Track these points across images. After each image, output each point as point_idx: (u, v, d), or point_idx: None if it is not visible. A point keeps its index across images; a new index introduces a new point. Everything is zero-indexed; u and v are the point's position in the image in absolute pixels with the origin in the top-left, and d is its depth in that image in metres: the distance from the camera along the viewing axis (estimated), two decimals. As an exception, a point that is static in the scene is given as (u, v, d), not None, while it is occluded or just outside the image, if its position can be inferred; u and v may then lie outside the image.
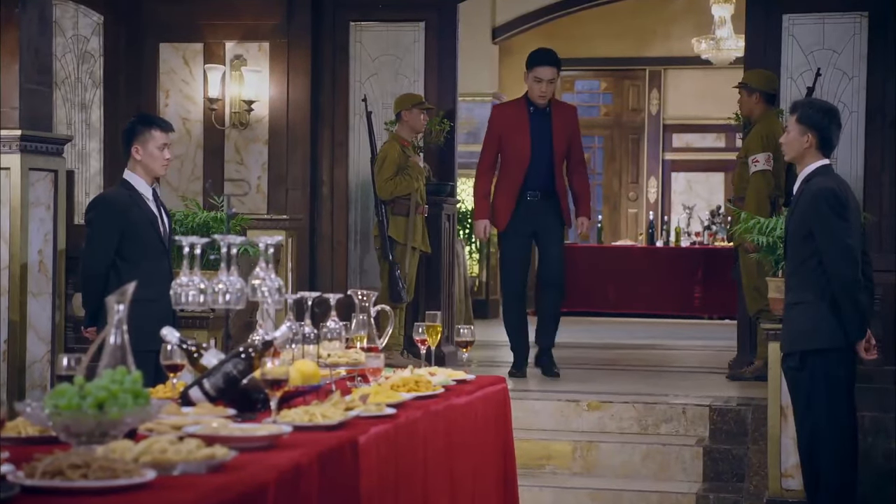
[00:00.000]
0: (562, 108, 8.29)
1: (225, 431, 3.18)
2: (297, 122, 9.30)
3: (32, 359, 7.08)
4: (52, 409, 2.80)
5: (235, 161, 9.41)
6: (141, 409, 2.88)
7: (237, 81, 9.31)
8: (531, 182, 8.05)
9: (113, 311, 3.12)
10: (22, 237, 6.99)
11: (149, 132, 5.87)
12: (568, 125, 8.13)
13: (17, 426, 3.13)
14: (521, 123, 8.01)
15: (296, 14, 9.40)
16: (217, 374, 3.71)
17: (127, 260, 5.81)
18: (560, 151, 8.07)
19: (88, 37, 9.49)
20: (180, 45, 9.46)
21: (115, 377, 2.92)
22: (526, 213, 8.07)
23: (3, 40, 6.95)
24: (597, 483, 6.67)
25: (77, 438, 2.80)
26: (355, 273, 9.32)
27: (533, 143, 8.01)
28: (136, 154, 5.86)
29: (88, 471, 2.51)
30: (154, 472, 2.62)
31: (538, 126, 8.04)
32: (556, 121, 8.05)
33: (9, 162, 6.98)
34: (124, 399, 2.87)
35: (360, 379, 4.36)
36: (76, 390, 2.86)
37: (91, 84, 9.57)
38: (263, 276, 3.92)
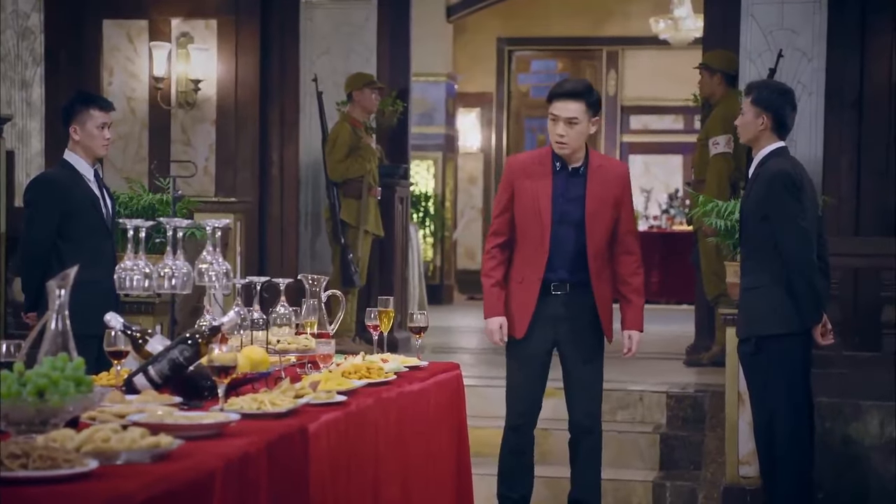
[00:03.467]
0: (605, 167, 5.38)
1: (170, 420, 3.10)
2: (245, 102, 9.12)
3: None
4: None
5: (182, 141, 9.22)
6: (83, 396, 2.86)
7: (183, 60, 9.11)
8: (554, 270, 5.35)
9: (54, 296, 3.02)
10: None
11: (88, 111, 5.68)
12: (610, 189, 5.33)
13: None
14: (541, 182, 5.30)
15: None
16: (162, 360, 3.59)
17: (68, 242, 5.64)
18: (598, 226, 5.34)
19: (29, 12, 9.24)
20: (125, 22, 9.24)
21: (56, 364, 2.87)
22: (546, 316, 5.40)
23: (-60, 15, 6.74)
24: (551, 471, 6.57)
25: (17, 427, 2.76)
26: (306, 257, 9.17)
27: (555, 211, 5.30)
28: (75, 134, 5.68)
29: (28, 461, 2.48)
30: (96, 462, 2.57)
31: (565, 189, 5.32)
32: (594, 184, 5.31)
33: (-52, 141, 6.79)
34: (66, 386, 2.83)
35: (311, 366, 4.26)
36: (16, 377, 2.83)
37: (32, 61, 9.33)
38: (211, 261, 3.79)
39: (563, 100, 5.20)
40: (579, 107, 5.20)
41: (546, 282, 5.30)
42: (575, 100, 5.21)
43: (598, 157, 5.41)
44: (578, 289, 5.31)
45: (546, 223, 5.26)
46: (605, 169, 5.33)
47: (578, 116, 5.18)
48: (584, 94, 5.23)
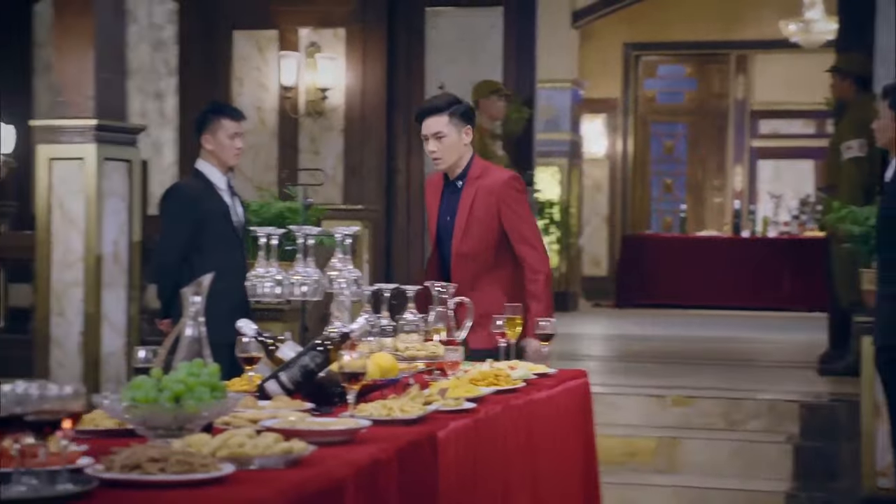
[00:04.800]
0: (483, 177, 5.16)
1: (303, 425, 3.11)
2: (372, 111, 9.19)
3: (107, 351, 7.04)
4: (130, 403, 2.80)
5: (310, 150, 9.32)
6: (218, 402, 2.88)
7: (312, 69, 9.22)
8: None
9: (189, 303, 3.07)
10: (97, 228, 6.95)
11: (219, 121, 5.78)
12: (485, 200, 5.13)
13: (94, 419, 3.08)
14: (434, 200, 5.27)
15: (370, 0, 9.28)
16: (294, 366, 3.61)
17: (200, 251, 5.73)
18: (471, 239, 5.14)
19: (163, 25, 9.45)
20: (254, 33, 9.39)
21: (191, 370, 2.90)
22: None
23: (78, 29, 6.90)
24: (681, 480, 6.49)
25: (154, 432, 2.80)
26: (431, 264, 9.18)
27: (439, 225, 5.23)
28: (207, 143, 5.77)
29: (166, 464, 2.50)
30: (232, 467, 2.59)
31: (448, 203, 5.21)
32: (468, 195, 5.13)
33: (84, 152, 6.94)
34: (201, 392, 2.87)
35: (439, 373, 4.24)
36: (153, 383, 2.86)
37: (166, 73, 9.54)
38: (341, 268, 3.81)
39: (426, 117, 5.12)
40: (441, 120, 5.08)
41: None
42: (436, 114, 5.10)
43: (480, 169, 5.17)
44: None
45: (431, 239, 5.30)
46: (484, 177, 5.14)
47: (443, 130, 5.07)
48: (446, 106, 5.11)
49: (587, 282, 14.71)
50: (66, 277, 6.99)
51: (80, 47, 6.91)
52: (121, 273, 7.13)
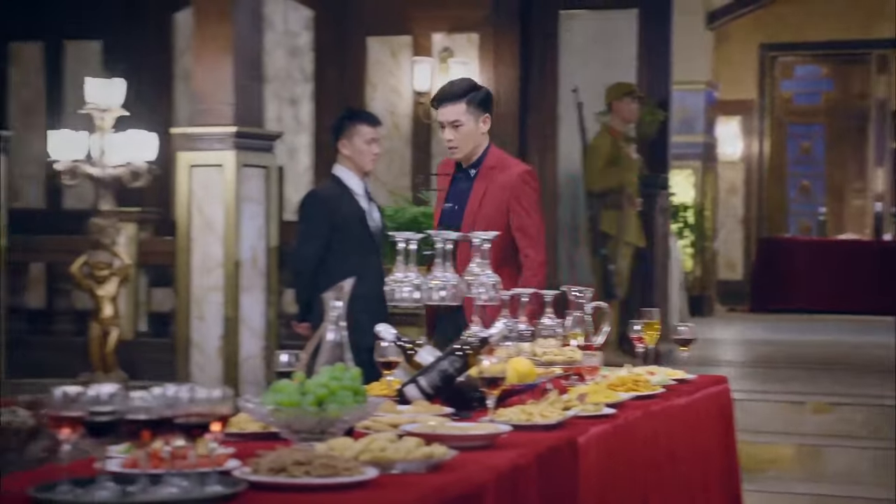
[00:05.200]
0: (498, 168, 4.93)
1: (443, 430, 3.11)
2: (505, 115, 9.19)
3: (246, 354, 7.16)
4: (274, 406, 2.83)
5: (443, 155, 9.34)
6: (360, 406, 2.90)
7: (445, 74, 9.25)
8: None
9: (330, 307, 3.09)
10: (236, 233, 7.07)
11: (356, 127, 5.83)
12: (498, 192, 4.88)
13: (238, 422, 3.12)
14: (443, 187, 5.08)
15: (504, 3, 9.28)
16: (433, 371, 3.62)
17: (337, 255, 5.78)
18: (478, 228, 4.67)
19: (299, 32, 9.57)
20: (388, 39, 9.46)
21: (334, 374, 2.93)
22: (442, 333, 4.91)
23: (217, 37, 7.03)
24: (823, 489, 6.35)
25: (297, 435, 2.83)
26: (564, 268, 9.15)
27: (442, 215, 4.99)
28: (344, 149, 5.83)
29: (311, 468, 2.53)
30: (374, 471, 2.60)
31: (456, 192, 4.98)
32: (480, 186, 4.89)
33: (223, 158, 7.07)
34: (343, 396, 2.89)
35: (576, 378, 4.21)
36: (296, 387, 2.89)
37: (301, 79, 9.65)
38: (479, 272, 3.80)
39: (443, 104, 4.89)
40: (458, 108, 4.86)
41: None
42: (454, 102, 4.88)
43: (496, 158, 4.94)
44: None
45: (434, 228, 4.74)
46: (498, 170, 4.89)
47: (460, 118, 4.85)
48: (463, 93, 4.88)
49: (722, 286, 14.49)
50: (205, 282, 7.13)
51: (219, 55, 7.04)
52: (259, 277, 7.24)
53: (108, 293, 6.95)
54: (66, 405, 2.38)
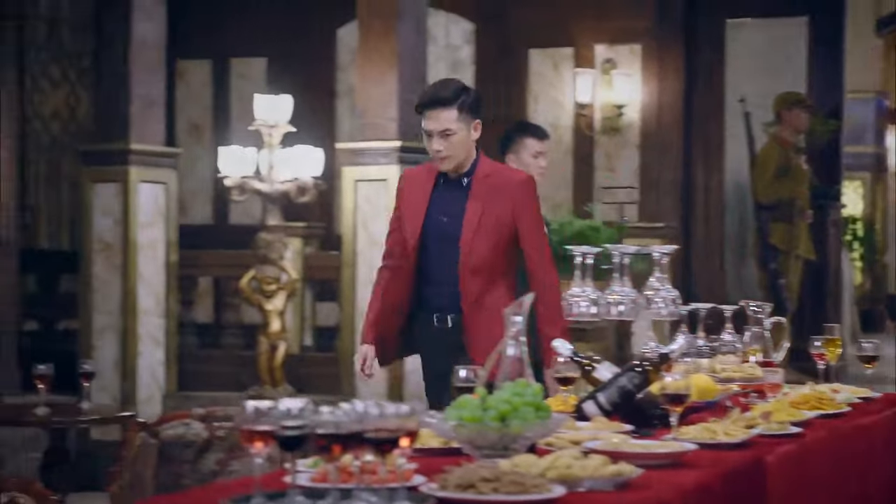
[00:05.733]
0: (495, 176, 4.42)
1: (627, 448, 3.04)
2: (669, 126, 9.06)
3: (410, 369, 7.16)
4: (457, 422, 2.80)
5: (606, 168, 9.26)
6: (542, 422, 2.85)
7: (607, 85, 9.17)
8: (430, 294, 4.45)
9: (510, 323, 3.06)
10: (400, 246, 7.09)
11: (523, 140, 5.78)
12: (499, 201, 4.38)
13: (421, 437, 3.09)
14: (420, 198, 4.44)
15: (668, 13, 9.15)
16: (611, 387, 3.55)
17: (503, 269, 5.73)
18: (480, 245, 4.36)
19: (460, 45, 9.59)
20: (550, 51, 9.42)
21: (516, 390, 2.89)
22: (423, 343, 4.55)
23: (381, 52, 7.07)
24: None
25: (480, 451, 2.80)
26: (732, 282, 8.96)
27: (427, 227, 4.41)
28: (511, 162, 5.78)
29: (499, 484, 2.50)
30: (562, 488, 2.56)
31: (444, 202, 4.41)
32: (478, 196, 4.37)
33: (387, 173, 7.10)
34: (526, 412, 2.85)
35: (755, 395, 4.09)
36: (478, 403, 2.85)
37: (462, 93, 9.65)
38: (658, 287, 3.72)
39: (431, 110, 4.27)
40: (449, 114, 4.26)
41: (419, 307, 4.46)
42: (443, 107, 4.26)
43: (489, 165, 4.43)
44: (455, 320, 4.40)
45: (412, 242, 4.40)
46: (495, 179, 4.37)
47: (452, 126, 4.26)
48: (454, 97, 4.28)
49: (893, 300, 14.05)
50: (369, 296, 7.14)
51: (384, 70, 7.08)
52: (425, 291, 7.25)
53: (275, 307, 7.04)
54: (256, 419, 2.40)
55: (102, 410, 6.02)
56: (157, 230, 7.74)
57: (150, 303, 7.67)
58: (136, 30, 7.60)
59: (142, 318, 7.62)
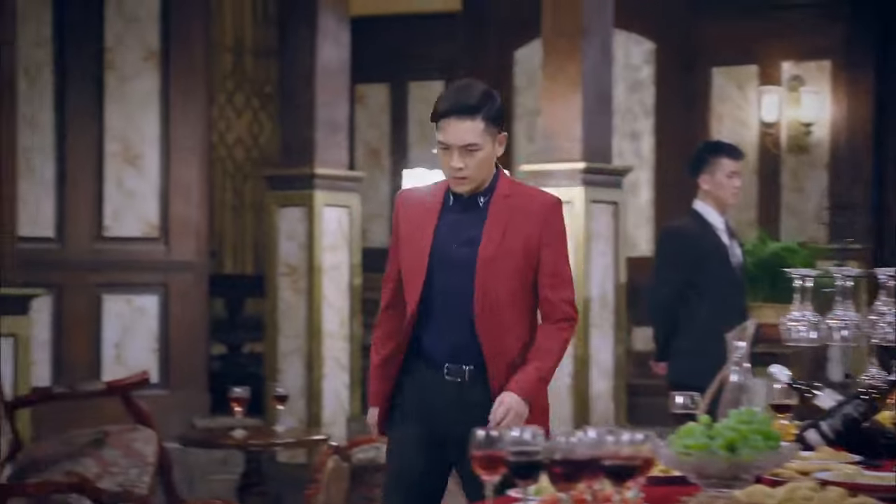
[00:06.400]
0: (516, 196, 3.65)
1: (864, 479, 2.90)
2: (859, 145, 8.77)
3: (595, 392, 7.07)
4: (682, 450, 2.70)
5: (793, 188, 9.01)
6: (773, 452, 2.73)
7: (794, 103, 8.93)
8: (436, 338, 3.67)
9: (733, 349, 2.96)
10: (585, 270, 7.01)
11: (718, 160, 5.65)
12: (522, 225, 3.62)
13: (639, 466, 2.99)
14: (425, 221, 3.70)
15: (859, 29, 8.86)
16: (835, 416, 3.39)
17: (699, 292, 5.60)
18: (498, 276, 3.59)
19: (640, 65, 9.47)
20: (733, 69, 9.22)
21: (742, 417, 2.77)
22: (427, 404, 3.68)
23: (566, 72, 7.00)
24: None
25: (707, 480, 2.69)
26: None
27: (435, 257, 3.66)
28: (704, 183, 5.65)
29: None
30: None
31: (456, 227, 3.67)
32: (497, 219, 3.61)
33: (571, 195, 7.02)
34: (755, 441, 2.75)
35: None
36: (703, 430, 2.74)
37: (642, 113, 9.54)
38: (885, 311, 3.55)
39: (453, 119, 3.50)
40: (475, 126, 3.50)
41: (419, 356, 3.66)
42: (469, 116, 3.50)
43: (510, 185, 3.67)
44: (472, 369, 3.61)
45: (419, 274, 3.63)
46: (516, 199, 3.62)
47: (477, 141, 3.50)
48: (479, 106, 3.52)
49: None
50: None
51: (568, 90, 7.02)
52: (608, 315, 7.15)
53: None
54: (489, 445, 2.36)
55: (294, 433, 6.06)
56: (340, 253, 7.80)
57: (335, 326, 7.73)
58: (320, 55, 7.70)
59: (326, 341, 7.68)
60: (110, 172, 7.82)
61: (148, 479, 4.79)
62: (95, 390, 5.14)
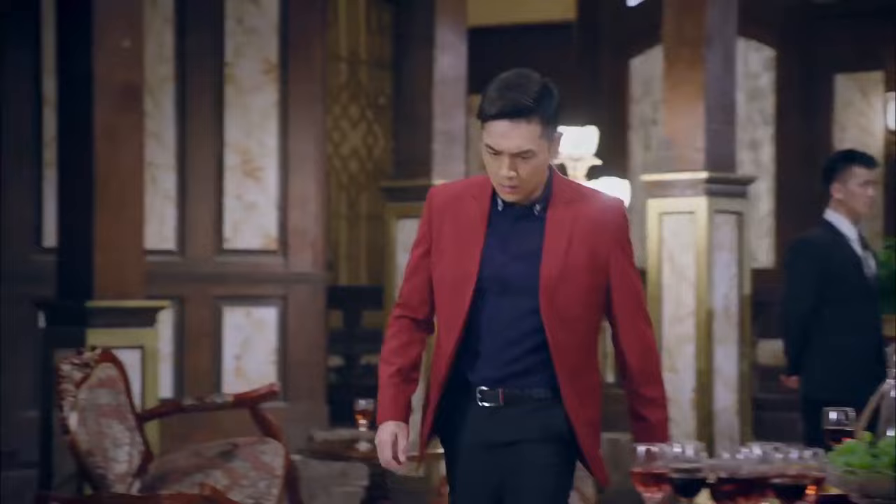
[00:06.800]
0: (579, 202, 3.17)
1: None
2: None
3: (720, 407, 6.92)
4: (845, 468, 2.60)
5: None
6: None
7: (922, 111, 8.71)
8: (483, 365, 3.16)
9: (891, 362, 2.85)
10: (707, 282, 6.88)
11: (851, 169, 5.51)
12: (589, 238, 3.14)
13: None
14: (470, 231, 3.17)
15: None
16: None
17: (830, 305, 5.47)
18: (566, 298, 3.11)
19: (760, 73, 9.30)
20: (858, 75, 9.01)
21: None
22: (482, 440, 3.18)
23: (690, 80, 6.89)
24: None
25: (871, 501, 2.60)
26: None
27: (485, 274, 3.14)
28: (837, 193, 5.51)
29: None
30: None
31: (508, 239, 3.16)
32: (559, 231, 3.13)
33: (694, 205, 6.91)
34: (920, 459, 2.59)
35: None
36: (865, 448, 2.62)
37: (761, 121, 9.37)
38: None
39: (504, 121, 2.99)
40: (531, 130, 3.00)
41: (464, 385, 3.14)
42: (525, 119, 2.99)
43: (569, 189, 3.17)
44: (533, 401, 3.11)
45: (466, 293, 3.09)
46: (582, 204, 3.13)
47: (533, 147, 3.00)
48: (537, 106, 3.01)
49: None
50: (677, 332, 6.96)
51: (691, 99, 6.91)
52: (731, 328, 7.00)
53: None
54: (648, 462, 2.29)
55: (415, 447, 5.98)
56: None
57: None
58: (438, 68, 7.67)
59: (444, 353, 7.63)
60: (230, 185, 7.88)
61: (276, 491, 4.79)
62: (225, 403, 5.16)
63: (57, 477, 5.77)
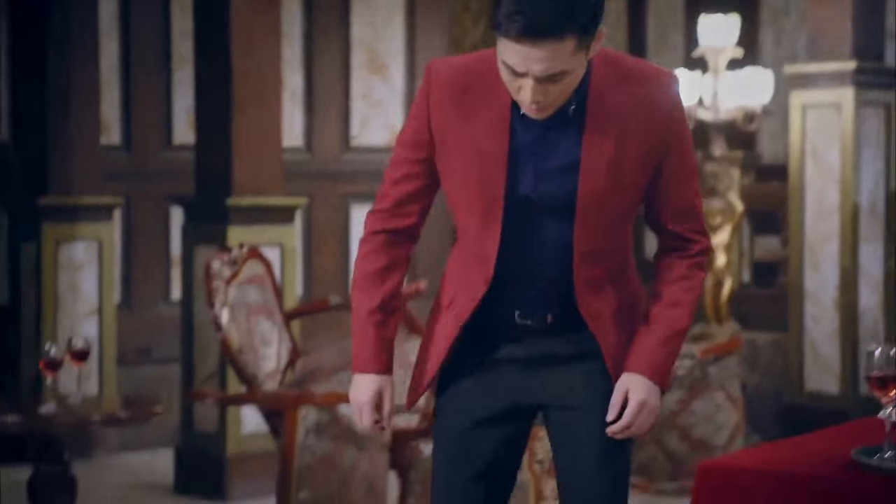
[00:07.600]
0: (618, 84, 2.41)
1: None
2: None
3: (864, 306, 6.73)
4: None
5: None
6: None
7: None
8: (514, 286, 2.48)
9: None
10: (853, 177, 6.65)
11: None
12: (638, 131, 2.42)
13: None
14: (489, 132, 2.44)
15: None
16: None
17: None
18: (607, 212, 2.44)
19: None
20: None
21: None
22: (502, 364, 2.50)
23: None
24: None
25: None
26: None
27: (512, 192, 2.44)
28: None
29: None
30: None
31: (535, 144, 2.44)
32: (601, 126, 2.41)
33: (840, 97, 6.66)
34: None
35: None
36: None
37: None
38: None
39: (532, 41, 2.26)
40: (565, 48, 2.27)
41: (495, 312, 2.49)
42: (555, 39, 2.25)
43: (609, 71, 2.42)
44: (566, 324, 2.48)
45: (497, 203, 2.43)
46: (626, 92, 2.41)
47: (566, 67, 2.29)
48: (569, 17, 2.26)
49: None
50: (820, 230, 6.76)
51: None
52: (877, 225, 6.78)
53: (721, 241, 6.73)
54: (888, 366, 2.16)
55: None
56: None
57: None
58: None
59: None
60: (357, 83, 7.77)
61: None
62: (371, 301, 5.07)
63: (198, 374, 5.78)
